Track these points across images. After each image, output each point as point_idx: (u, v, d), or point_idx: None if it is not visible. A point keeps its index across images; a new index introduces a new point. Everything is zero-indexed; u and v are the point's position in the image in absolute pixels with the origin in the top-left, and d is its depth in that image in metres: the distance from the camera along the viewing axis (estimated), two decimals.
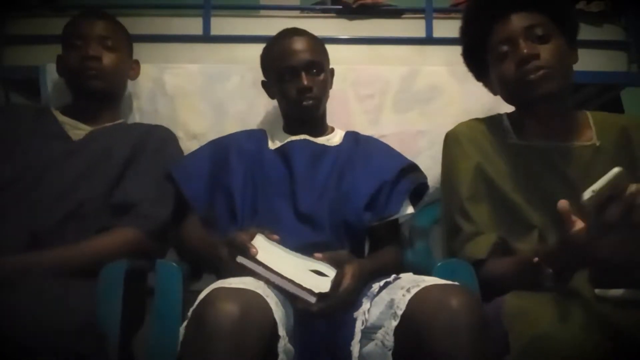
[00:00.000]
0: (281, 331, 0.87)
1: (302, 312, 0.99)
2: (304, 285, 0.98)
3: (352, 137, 1.40)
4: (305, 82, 1.29)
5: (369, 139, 1.43)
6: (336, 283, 1.02)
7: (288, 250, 1.09)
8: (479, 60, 1.22)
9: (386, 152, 1.38)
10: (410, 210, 1.30)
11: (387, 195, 1.27)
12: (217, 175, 1.31)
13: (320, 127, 1.40)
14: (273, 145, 1.37)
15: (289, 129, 1.39)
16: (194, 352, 0.82)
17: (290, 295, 0.99)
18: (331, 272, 1.06)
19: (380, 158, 1.34)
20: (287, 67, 1.31)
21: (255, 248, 1.01)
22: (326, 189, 1.26)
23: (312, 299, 0.98)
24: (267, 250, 1.04)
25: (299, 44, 1.32)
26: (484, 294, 0.99)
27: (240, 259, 1.01)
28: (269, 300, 0.88)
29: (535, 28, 1.11)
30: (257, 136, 1.40)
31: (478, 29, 1.18)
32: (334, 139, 1.40)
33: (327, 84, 1.37)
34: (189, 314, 0.88)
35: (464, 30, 1.24)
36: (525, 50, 1.09)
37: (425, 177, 1.34)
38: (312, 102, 1.31)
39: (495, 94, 1.23)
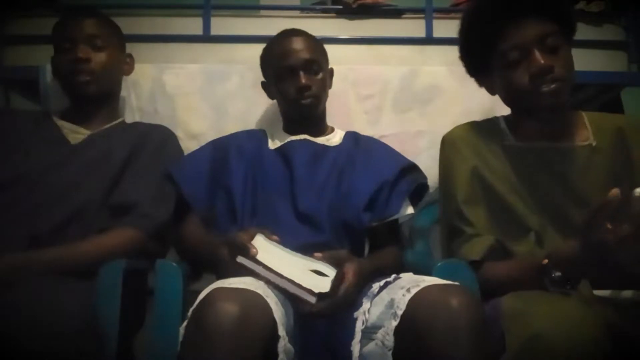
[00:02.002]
0: (281, 331, 0.87)
1: (302, 312, 0.99)
2: (304, 285, 0.98)
3: (352, 137, 1.40)
4: (304, 81, 1.30)
5: (369, 139, 1.43)
6: (336, 283, 1.02)
7: (288, 250, 1.09)
8: (479, 59, 1.19)
9: (386, 152, 1.38)
10: (410, 210, 1.30)
11: (387, 195, 1.27)
12: (217, 175, 1.31)
13: (320, 127, 1.41)
14: (273, 145, 1.37)
15: (289, 129, 1.39)
16: (194, 352, 0.81)
17: (290, 295, 0.99)
18: (331, 272, 1.06)
19: (380, 158, 1.34)
20: (286, 67, 1.31)
21: (255, 248, 1.01)
22: (326, 189, 1.26)
23: (312, 299, 0.98)
24: (267, 250, 1.04)
25: (297, 44, 1.33)
26: (482, 294, 0.99)
27: (240, 259, 1.00)
28: (269, 300, 0.88)
29: (548, 37, 1.09)
30: (257, 136, 1.40)
31: (484, 31, 1.14)
32: (334, 139, 1.40)
33: (325, 83, 1.37)
34: (189, 314, 0.88)
35: (466, 29, 1.20)
36: (542, 62, 1.06)
37: (425, 177, 1.34)
38: (311, 101, 1.32)
39: (492, 94, 1.21)
